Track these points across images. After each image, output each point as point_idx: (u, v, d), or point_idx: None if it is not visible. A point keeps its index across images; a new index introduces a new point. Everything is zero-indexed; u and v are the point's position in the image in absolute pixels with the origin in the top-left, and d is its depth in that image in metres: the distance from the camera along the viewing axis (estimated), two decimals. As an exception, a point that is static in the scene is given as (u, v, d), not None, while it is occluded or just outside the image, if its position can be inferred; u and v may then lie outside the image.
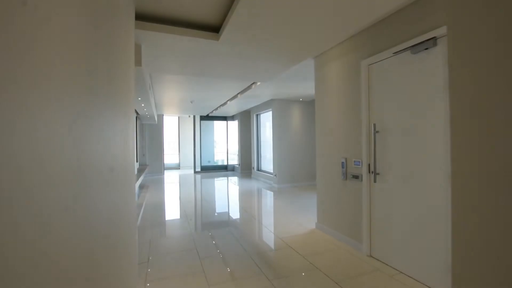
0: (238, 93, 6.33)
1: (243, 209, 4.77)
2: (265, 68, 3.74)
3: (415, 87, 2.20)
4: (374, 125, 2.56)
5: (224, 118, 11.36)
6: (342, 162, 3.06)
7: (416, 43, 2.16)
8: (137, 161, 6.73)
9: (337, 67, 3.16)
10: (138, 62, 2.59)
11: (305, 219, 4.00)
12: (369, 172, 2.69)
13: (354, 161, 2.90)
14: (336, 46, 3.16)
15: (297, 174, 7.14)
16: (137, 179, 5.93)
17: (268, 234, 3.41)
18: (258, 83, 5.07)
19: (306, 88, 5.53)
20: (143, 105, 5.17)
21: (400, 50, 2.31)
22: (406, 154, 2.27)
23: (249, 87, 5.60)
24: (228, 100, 7.32)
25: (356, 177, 2.87)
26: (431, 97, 2.07)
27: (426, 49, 2.11)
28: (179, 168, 12.62)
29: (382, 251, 2.54)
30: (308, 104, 7.34)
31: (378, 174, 2.56)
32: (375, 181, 2.56)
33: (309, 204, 4.96)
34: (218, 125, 11.74)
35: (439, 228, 1.99)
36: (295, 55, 3.23)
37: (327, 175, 3.37)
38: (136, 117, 6.72)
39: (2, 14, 0.37)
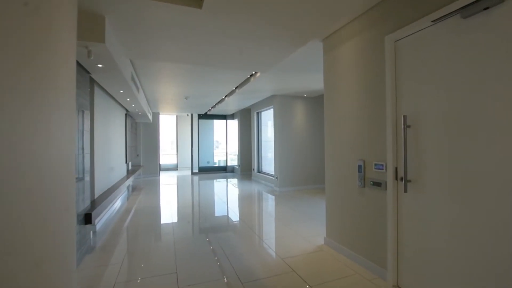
0: (236, 88, 5.75)
1: (241, 218, 4.18)
2: (262, 53, 3.16)
3: (470, 64, 1.60)
4: (405, 117, 1.95)
5: (223, 116, 10.80)
6: (359, 165, 2.47)
7: (469, 2, 1.56)
8: (126, 162, 6.19)
9: (352, 48, 2.56)
10: (99, 38, 2.02)
11: (311, 231, 3.40)
12: (396, 179, 2.09)
13: (375, 164, 2.30)
14: (350, 24, 2.57)
15: (300, 177, 6.53)
16: (126, 180, 5.38)
17: (268, 254, 2.82)
18: (258, 75, 4.49)
19: (311, 81, 4.94)
20: (128, 99, 4.61)
21: (443, 16, 1.71)
22: (456, 155, 1.67)
23: (247, 80, 5.02)
24: (225, 96, 6.74)
25: (377, 184, 2.27)
26: (495, 76, 1.46)
27: (486, 8, 1.51)
28: (177, 169, 12.08)
29: (415, 283, 1.94)
30: (313, 101, 6.74)
31: (409, 181, 1.96)
32: (405, 191, 1.96)
33: (315, 212, 4.36)
34: (217, 124, 11.17)
35: (510, 262, 1.38)
36: (299, 36, 2.64)
37: (339, 180, 2.77)
38: (126, 115, 6.18)
39: None
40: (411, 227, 1.97)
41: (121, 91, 3.87)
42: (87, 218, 2.69)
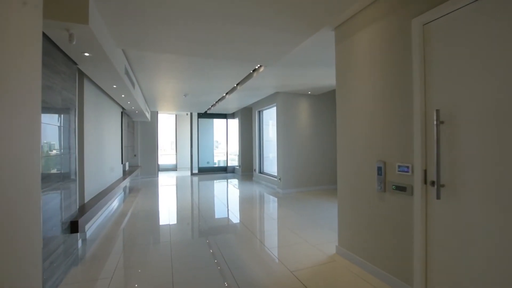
0: (237, 84, 5.47)
1: (242, 222, 3.90)
2: (267, 45, 2.89)
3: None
4: (437, 111, 1.68)
5: (223, 115, 10.52)
6: (379, 167, 2.19)
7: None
8: (122, 162, 5.91)
9: (370, 35, 2.28)
10: (81, 18, 1.74)
11: (320, 238, 3.13)
12: (426, 183, 1.81)
13: (399, 166, 2.02)
14: (368, 8, 2.29)
15: (304, 178, 6.26)
16: (122, 181, 5.11)
17: (275, 265, 2.54)
18: (261, 69, 4.21)
19: (317, 76, 4.66)
20: (123, 96, 4.33)
21: (488, -10, 1.43)
22: (505, 157, 1.39)
23: (249, 76, 4.74)
24: (226, 94, 6.47)
25: (402, 188, 1.99)
26: None
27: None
28: (176, 170, 11.80)
29: (450, 304, 1.66)
30: (317, 98, 6.46)
31: (443, 186, 1.68)
32: (438, 197, 1.68)
33: (323, 216, 4.08)
34: (218, 123, 10.89)
35: None
36: (308, 24, 2.37)
37: (354, 183, 2.49)
38: (123, 113, 5.90)
39: None
40: (443, 240, 1.69)
41: (114, 86, 3.59)
42: (74, 226, 2.41)
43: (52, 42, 2.08)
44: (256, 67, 4.24)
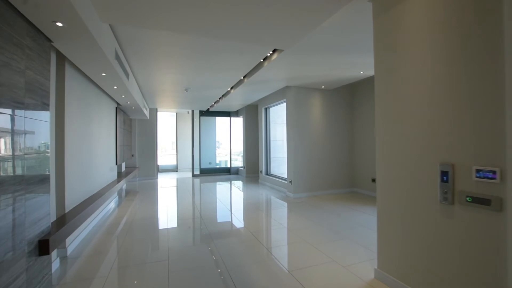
0: (244, 77, 4.94)
1: (253, 235, 3.36)
2: (286, 21, 2.35)
3: None
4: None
5: (227, 114, 9.98)
6: (444, 172, 1.64)
7: None
8: (117, 163, 5.37)
9: (430, 1, 1.74)
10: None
11: (350, 257, 2.58)
12: (531, 195, 1.26)
13: (478, 171, 1.47)
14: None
15: (317, 181, 5.71)
16: (117, 184, 4.58)
17: (300, 293, 2.00)
18: (274, 57, 3.67)
19: (335, 66, 4.13)
20: (116, 87, 3.80)
21: None
22: None
23: (259, 66, 4.21)
24: (231, 88, 5.93)
25: (482, 201, 1.45)
26: None
27: None
28: (177, 171, 11.27)
29: None
30: (331, 94, 5.92)
31: None
32: (561, 218, 1.13)
33: (346, 226, 3.53)
34: (221, 122, 10.35)
35: None
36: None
37: (404, 191, 1.94)
38: (117, 109, 5.37)
39: None
40: None
41: (103, 74, 3.05)
42: (43, 246, 1.87)
43: (9, 4, 1.55)
44: (268, 54, 3.70)
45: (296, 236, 3.20)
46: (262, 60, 3.98)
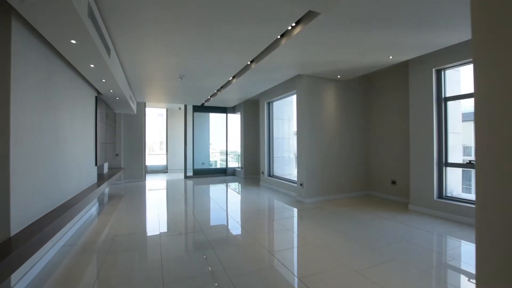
0: (251, 62, 4.18)
1: (271, 254, 2.61)
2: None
3: None
4: None
5: (223, 109, 9.18)
6: None
7: None
8: (97, 164, 4.49)
9: None
10: None
11: (410, 286, 1.88)
12: None
13: None
14: None
15: (333, 184, 5.03)
16: (96, 189, 3.73)
17: None
18: (297, 31, 2.94)
19: (363, 48, 3.44)
20: (93, 66, 2.96)
21: None
22: None
23: (274, 46, 3.47)
24: (233, 78, 5.16)
25: None
26: None
27: None
28: (167, 172, 10.36)
29: None
30: (347, 85, 5.25)
31: None
32: None
33: (385, 242, 2.83)
34: (216, 118, 9.54)
35: None
36: None
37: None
38: (97, 98, 4.49)
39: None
40: None
41: (73, 41, 2.22)
42: None
43: None
44: (290, 27, 2.96)
45: (331, 257, 2.47)
46: (279, 37, 3.23)
